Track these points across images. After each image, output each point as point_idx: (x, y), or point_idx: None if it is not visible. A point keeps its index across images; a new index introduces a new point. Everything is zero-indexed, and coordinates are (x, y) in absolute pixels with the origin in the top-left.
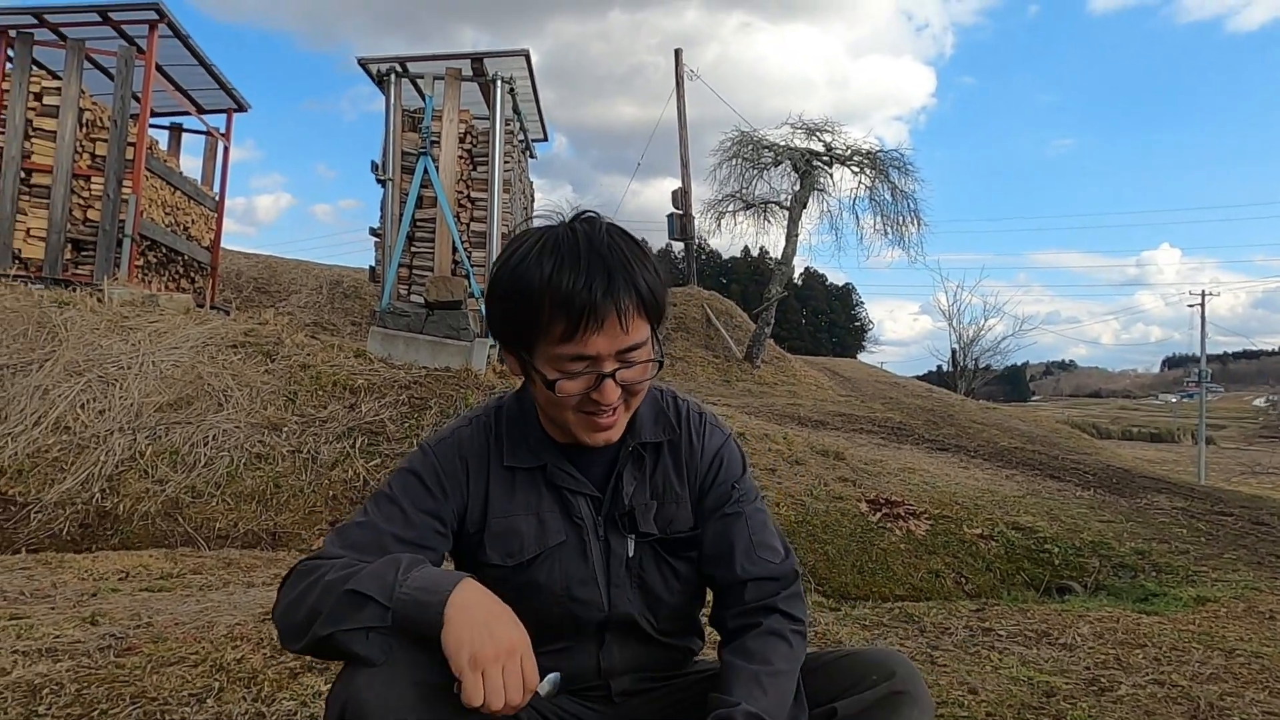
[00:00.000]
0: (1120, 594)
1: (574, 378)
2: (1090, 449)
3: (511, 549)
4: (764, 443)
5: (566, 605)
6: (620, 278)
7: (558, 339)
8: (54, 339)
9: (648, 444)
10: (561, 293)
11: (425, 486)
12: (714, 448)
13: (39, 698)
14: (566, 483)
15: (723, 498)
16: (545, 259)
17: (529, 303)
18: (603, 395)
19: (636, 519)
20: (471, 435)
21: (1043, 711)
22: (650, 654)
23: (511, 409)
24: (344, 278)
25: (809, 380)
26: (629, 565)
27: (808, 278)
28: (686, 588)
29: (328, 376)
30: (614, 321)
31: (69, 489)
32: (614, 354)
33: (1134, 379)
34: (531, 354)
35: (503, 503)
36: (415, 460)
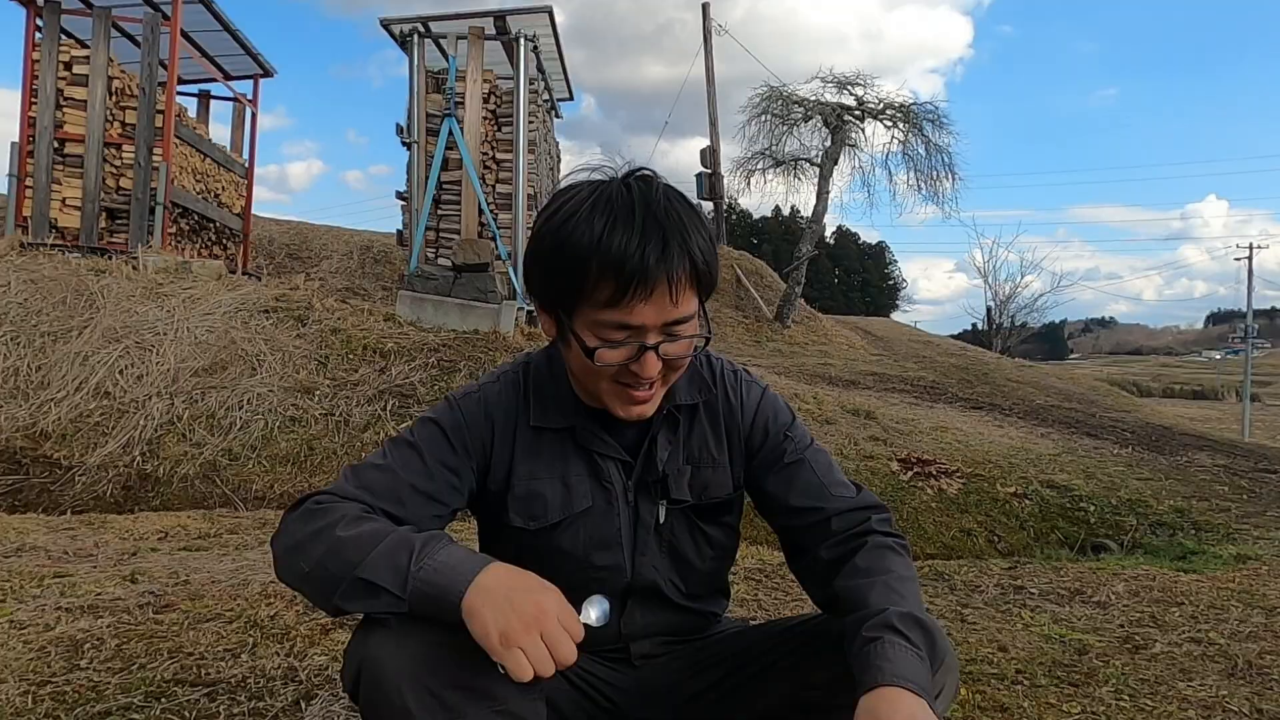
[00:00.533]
0: (1158, 552)
1: (615, 347)
2: (1129, 406)
3: (535, 512)
4: (794, 403)
5: (588, 571)
6: (675, 244)
7: (602, 304)
8: (92, 306)
9: (683, 406)
10: (611, 255)
11: (448, 440)
12: (754, 403)
13: (81, 652)
14: (596, 445)
15: (778, 450)
16: (596, 217)
17: (574, 262)
18: (643, 368)
19: (669, 485)
20: (499, 392)
21: (1074, 669)
22: (672, 618)
23: (540, 367)
24: (374, 243)
25: (840, 340)
26: (659, 531)
27: (840, 236)
28: (719, 553)
29: (358, 340)
30: (664, 291)
31: (110, 452)
32: (660, 325)
33: (1176, 335)
34: (571, 317)
35: (528, 464)
36: (441, 412)
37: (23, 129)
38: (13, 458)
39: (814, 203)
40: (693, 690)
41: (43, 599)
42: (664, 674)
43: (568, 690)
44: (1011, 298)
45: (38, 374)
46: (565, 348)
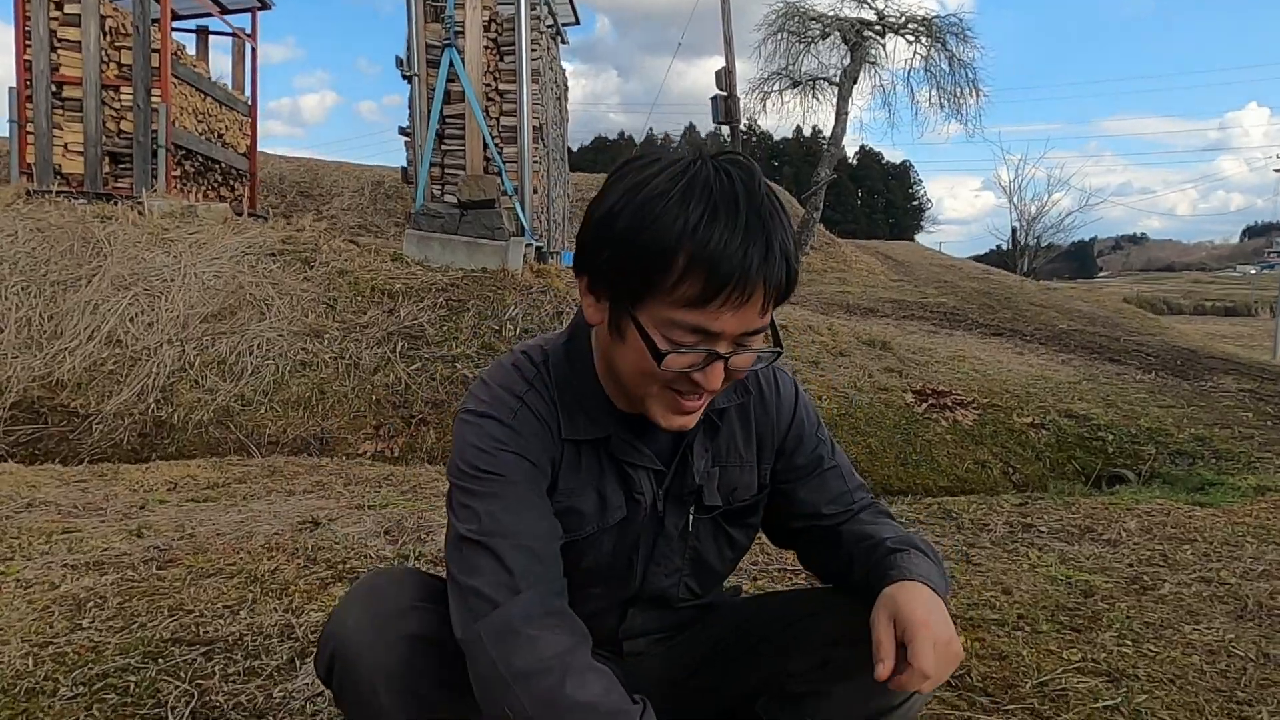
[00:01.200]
0: (1175, 483)
1: (684, 352)
2: (1155, 329)
3: (570, 526)
4: (808, 334)
5: (600, 578)
6: (778, 249)
7: (683, 302)
8: (99, 254)
9: (723, 411)
10: (709, 251)
11: (537, 469)
12: (789, 403)
13: (83, 611)
14: (630, 456)
15: (813, 456)
16: (692, 203)
17: (658, 250)
18: (707, 379)
19: (703, 494)
20: (539, 400)
21: (1078, 613)
22: (669, 617)
23: (561, 368)
24: (385, 178)
25: (860, 266)
26: (683, 538)
27: (863, 157)
28: (738, 555)
29: (365, 282)
30: (759, 300)
31: (125, 400)
32: (737, 335)
33: (1210, 251)
34: (637, 310)
35: (569, 477)
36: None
37: (19, 73)
38: (31, 407)
39: (833, 124)
40: (680, 676)
41: (50, 555)
42: (653, 666)
43: None
44: (1038, 217)
45: (50, 323)
46: (615, 342)
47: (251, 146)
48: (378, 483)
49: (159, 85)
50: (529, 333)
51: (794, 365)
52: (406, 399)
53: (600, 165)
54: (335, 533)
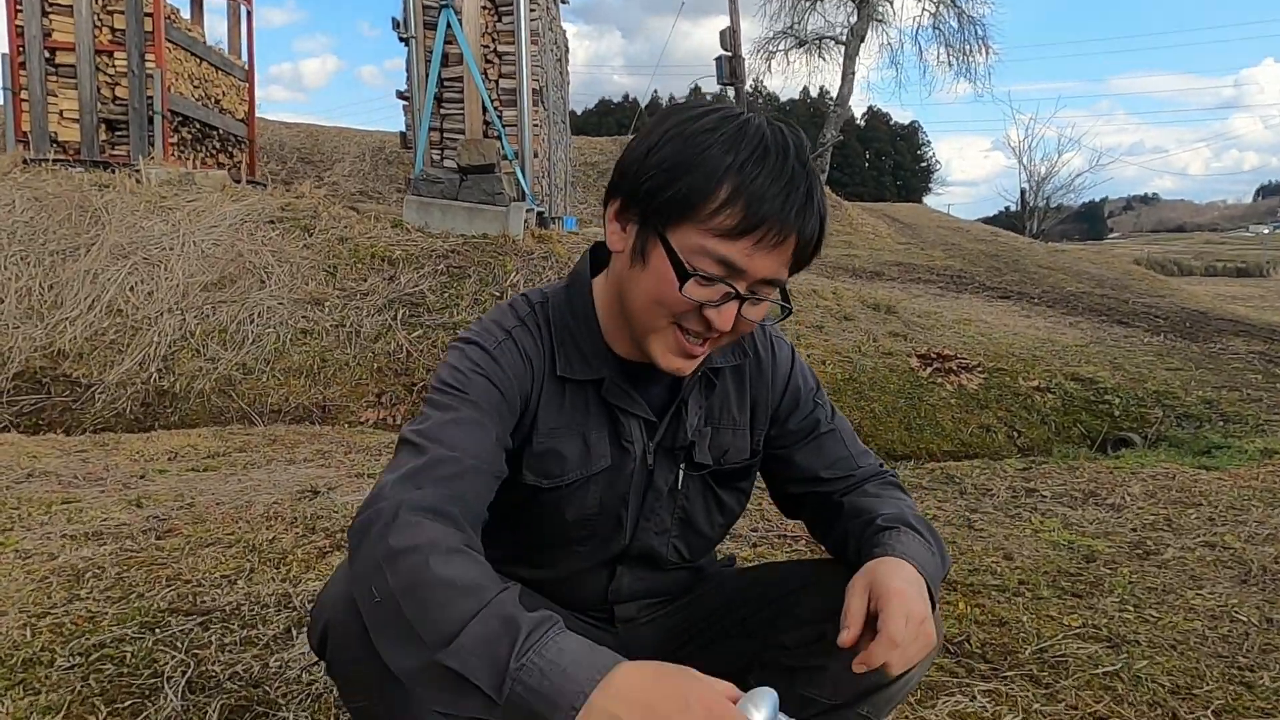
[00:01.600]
0: (1182, 446)
1: (705, 283)
2: (1165, 290)
3: (551, 471)
4: (811, 299)
5: (587, 531)
6: (816, 205)
7: (719, 232)
8: (97, 222)
9: (721, 369)
10: (754, 187)
11: (504, 399)
12: (785, 367)
13: (81, 581)
14: (622, 402)
15: (809, 420)
16: (741, 143)
17: (704, 175)
18: (718, 317)
19: (694, 450)
20: (528, 336)
21: (1080, 578)
22: (661, 580)
23: (560, 309)
24: (386, 144)
25: (866, 229)
26: (672, 497)
27: (871, 118)
28: (728, 520)
29: (366, 249)
30: (789, 246)
31: (127, 370)
32: (759, 279)
33: (1223, 211)
34: (668, 231)
35: (550, 416)
36: (484, 362)
37: (11, 39)
38: (34, 377)
39: (839, 84)
40: (672, 649)
41: (49, 526)
42: (645, 635)
43: None
44: (1048, 178)
45: (50, 293)
46: (635, 268)
47: (250, 112)
48: (379, 450)
49: (153, 50)
50: None
51: (798, 329)
52: (408, 366)
53: (604, 129)
54: (335, 501)
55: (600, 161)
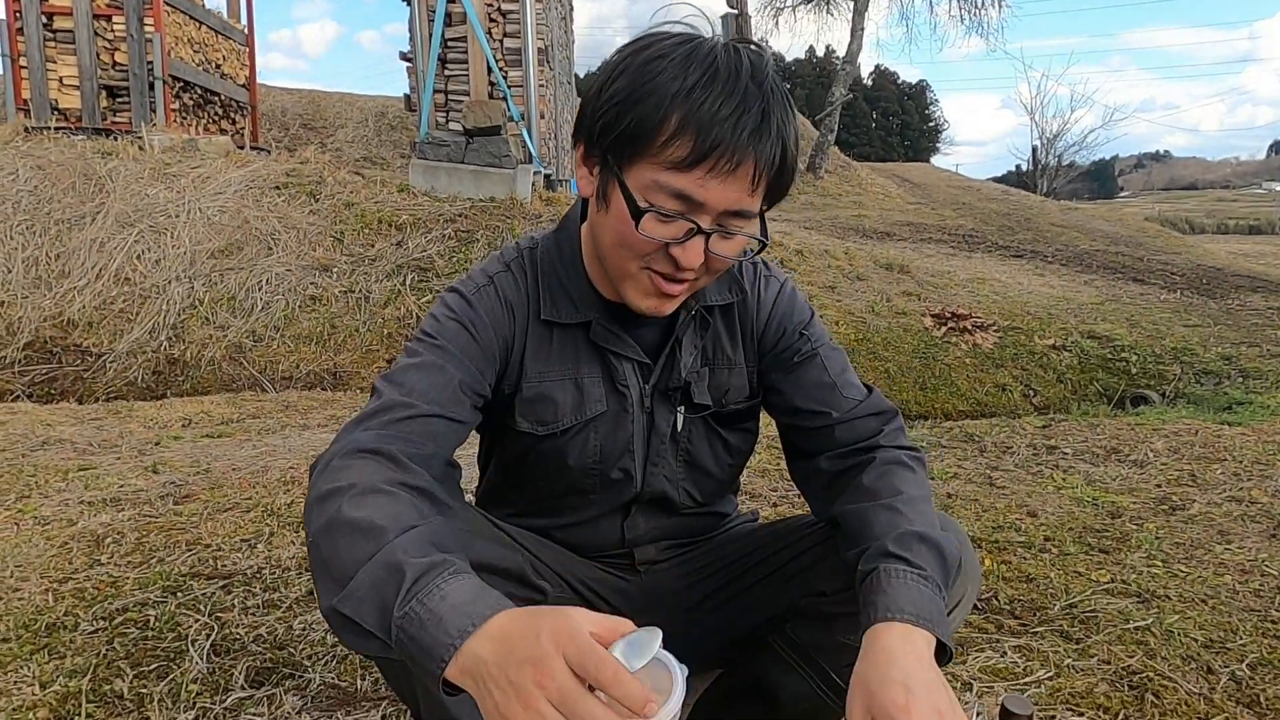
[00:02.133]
0: (1201, 402)
1: (665, 220)
2: (1180, 247)
3: (545, 417)
4: (823, 259)
5: (595, 479)
6: (774, 124)
7: (669, 164)
8: (102, 190)
9: (715, 307)
10: (701, 113)
11: (475, 340)
12: (771, 299)
13: (101, 547)
14: (613, 344)
15: (791, 349)
16: (691, 67)
17: (652, 106)
18: (685, 254)
19: (691, 391)
20: (511, 282)
21: (1106, 534)
22: (679, 523)
23: (549, 254)
24: (388, 108)
25: (876, 189)
26: (674, 439)
27: (878, 77)
28: (737, 459)
29: (373, 214)
30: (746, 173)
31: (138, 338)
32: (721, 211)
33: (1235, 168)
34: (624, 170)
35: (538, 363)
36: (459, 308)
37: (8, 4)
38: (44, 347)
39: (848, 41)
40: (698, 595)
41: (67, 493)
42: (669, 579)
43: (571, 599)
44: (1059, 135)
45: (57, 262)
46: (600, 210)
47: (251, 77)
48: None
49: (151, 14)
50: None
51: (810, 290)
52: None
53: None
54: None
55: None
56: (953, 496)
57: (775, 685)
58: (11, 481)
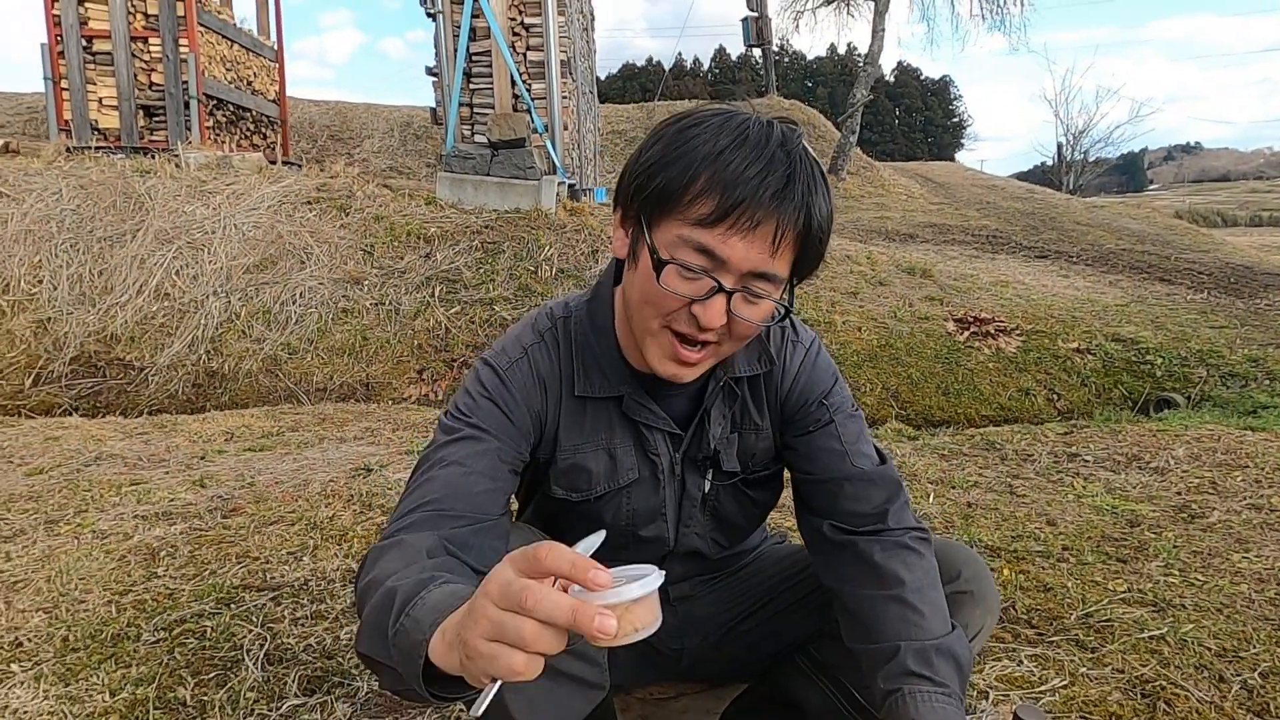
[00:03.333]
0: (1227, 405)
1: (688, 276)
2: (1209, 245)
3: (579, 485)
4: (845, 264)
5: (629, 538)
6: (799, 189)
7: (693, 220)
8: (141, 209)
9: (742, 378)
10: (728, 172)
11: (512, 423)
12: (795, 366)
13: (157, 560)
14: (644, 417)
15: (809, 416)
16: (724, 133)
17: (683, 167)
18: (705, 313)
19: (720, 458)
20: (545, 355)
21: (1124, 543)
22: (710, 564)
23: (582, 325)
24: (414, 118)
25: (898, 190)
26: (704, 502)
27: (900, 73)
28: (763, 512)
29: (401, 227)
30: (767, 232)
31: (177, 352)
32: (745, 272)
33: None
34: (653, 226)
35: (572, 433)
36: (493, 386)
37: (49, 29)
38: (89, 361)
39: (869, 41)
40: (728, 620)
41: (121, 507)
42: (702, 608)
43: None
44: (1086, 130)
45: (100, 279)
46: (631, 270)
47: (280, 92)
48: (424, 427)
49: (186, 35)
50: (565, 272)
51: (833, 296)
52: (447, 343)
53: (629, 94)
54: (387, 478)
55: (628, 130)
56: (973, 506)
57: (800, 699)
58: (69, 496)
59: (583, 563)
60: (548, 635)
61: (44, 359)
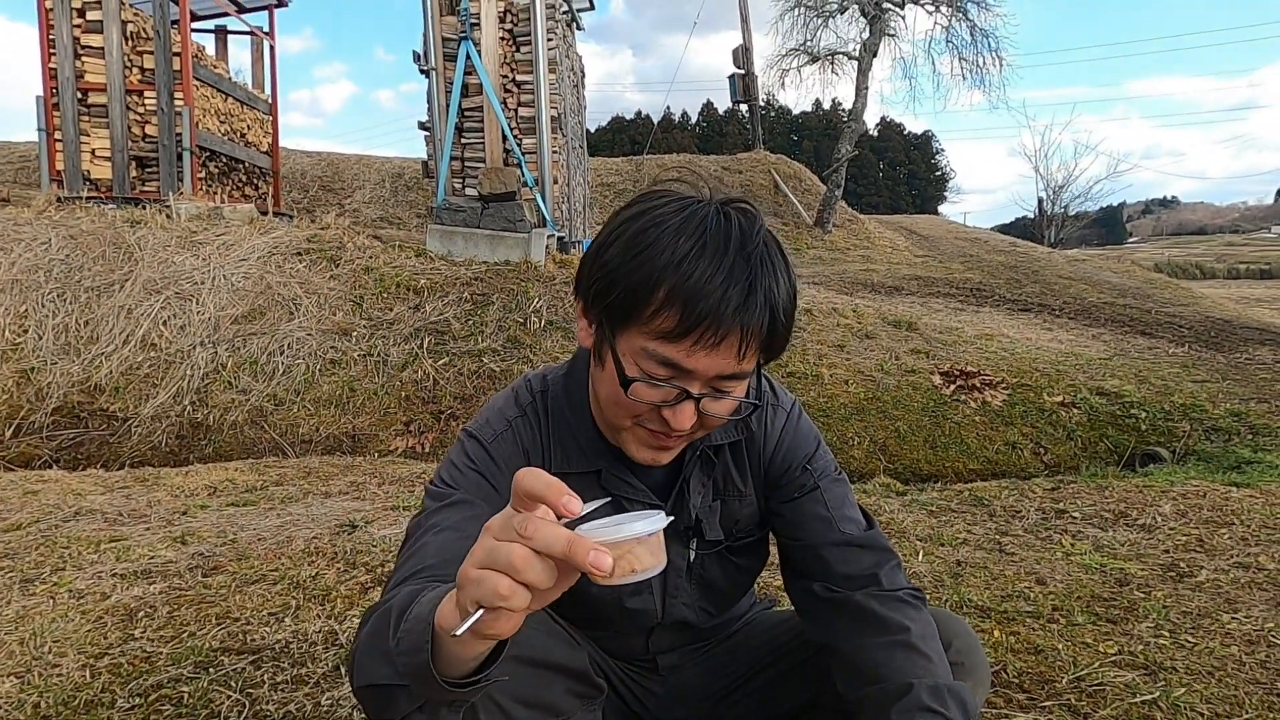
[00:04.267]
0: (1211, 460)
1: (655, 385)
2: (1188, 298)
3: None
4: (832, 318)
5: (616, 610)
6: (761, 294)
7: (658, 334)
8: (130, 259)
9: (720, 446)
10: (688, 285)
11: (498, 493)
12: (777, 432)
13: (135, 621)
14: (622, 490)
15: (794, 482)
16: (683, 236)
17: (642, 278)
18: (675, 418)
19: (703, 527)
20: (527, 428)
21: (1114, 603)
22: (700, 633)
23: (559, 400)
24: (405, 170)
25: (884, 242)
26: (690, 571)
27: (884, 128)
28: (749, 577)
29: (391, 278)
30: (732, 344)
31: (162, 403)
32: (711, 378)
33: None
34: (617, 335)
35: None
36: (479, 458)
37: (45, 81)
38: (71, 412)
39: (853, 98)
40: (720, 689)
41: (99, 565)
42: (691, 677)
43: (612, 695)
44: (1065, 185)
45: (86, 329)
46: (597, 366)
47: (274, 145)
48: (410, 482)
49: (181, 88)
50: (553, 324)
51: (820, 349)
52: (435, 395)
53: (618, 146)
54: (372, 535)
55: (616, 182)
56: (962, 564)
57: None
58: (46, 554)
59: (557, 485)
60: (536, 565)
61: (26, 409)
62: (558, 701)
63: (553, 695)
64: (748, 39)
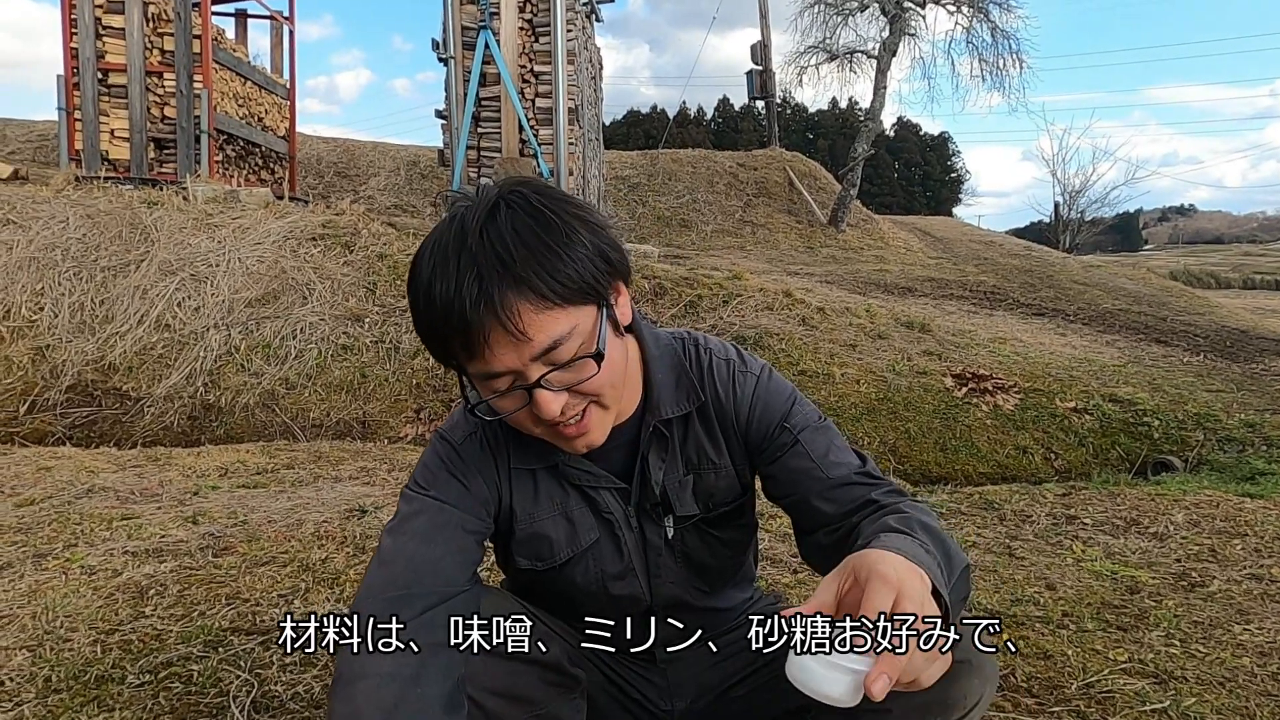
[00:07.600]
0: (1224, 471)
1: (503, 395)
2: (1204, 307)
3: (541, 553)
4: (844, 317)
5: (606, 599)
6: (492, 279)
7: (464, 358)
8: (147, 239)
9: (672, 420)
10: (439, 306)
11: (470, 492)
12: (747, 398)
13: (145, 598)
14: (584, 480)
15: (774, 444)
16: (426, 258)
17: (424, 326)
18: (539, 408)
19: (672, 502)
20: (491, 430)
21: (1124, 611)
22: (698, 618)
23: None
24: (420, 157)
25: (897, 243)
26: (670, 547)
27: (900, 128)
28: (737, 549)
29: (405, 265)
30: (500, 337)
31: (175, 384)
32: (531, 360)
33: (1262, 222)
34: (462, 372)
35: (526, 504)
36: (451, 461)
37: (66, 61)
38: (85, 390)
39: (871, 97)
40: (719, 682)
41: (111, 542)
42: (689, 668)
43: (603, 685)
44: (1082, 190)
45: (101, 308)
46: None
47: (291, 129)
48: None
49: (200, 71)
50: None
51: (831, 349)
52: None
53: (633, 140)
54: (381, 520)
55: (631, 176)
56: (971, 567)
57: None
58: (59, 530)
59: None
60: None
61: (40, 386)
62: (530, 692)
63: (525, 685)
64: (766, 35)
